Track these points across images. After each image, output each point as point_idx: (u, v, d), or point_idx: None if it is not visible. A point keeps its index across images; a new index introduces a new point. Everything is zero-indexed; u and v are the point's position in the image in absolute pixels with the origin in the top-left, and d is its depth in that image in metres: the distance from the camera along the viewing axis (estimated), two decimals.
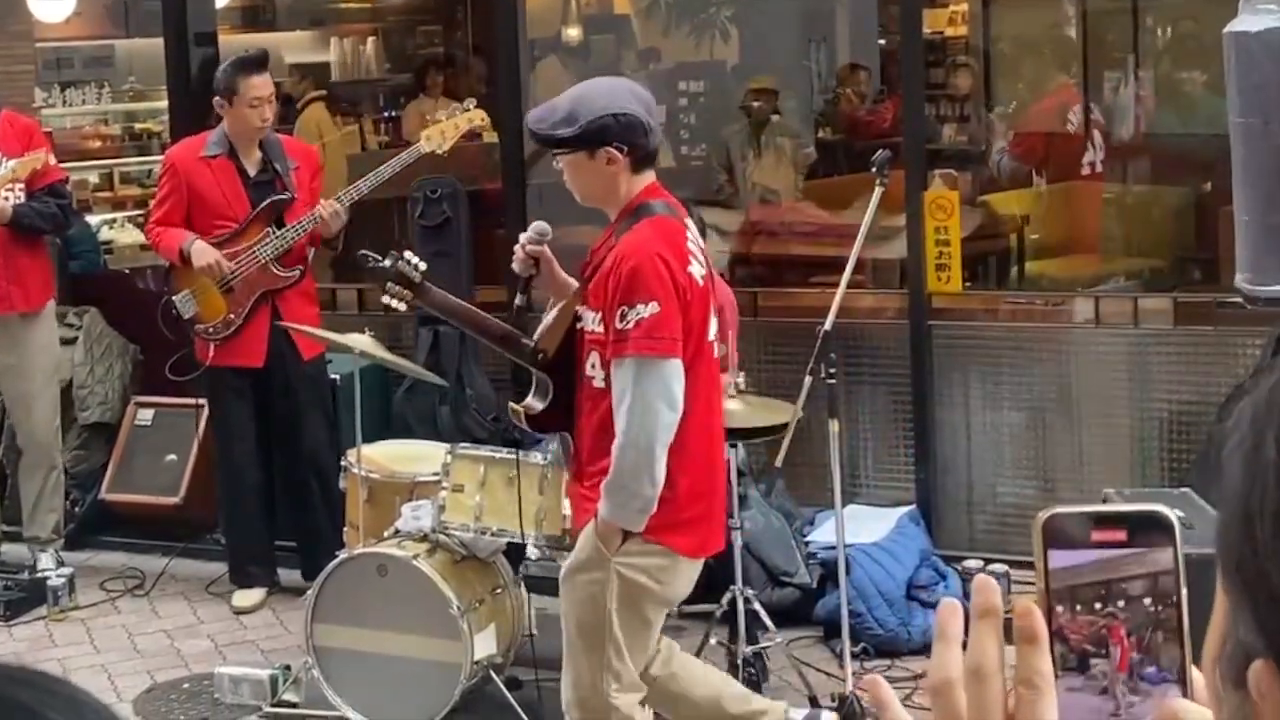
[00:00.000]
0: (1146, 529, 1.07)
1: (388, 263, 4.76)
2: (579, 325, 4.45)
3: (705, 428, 4.41)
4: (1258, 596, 0.98)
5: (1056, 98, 9.25)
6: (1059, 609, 1.06)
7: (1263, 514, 0.98)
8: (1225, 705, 1.02)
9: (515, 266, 4.60)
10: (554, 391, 4.51)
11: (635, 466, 4.27)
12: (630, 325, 4.23)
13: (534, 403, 4.56)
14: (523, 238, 4.61)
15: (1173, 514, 1.08)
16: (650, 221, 4.34)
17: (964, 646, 1.08)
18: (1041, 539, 1.07)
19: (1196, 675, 1.07)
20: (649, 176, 4.43)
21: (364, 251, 4.87)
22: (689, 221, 4.50)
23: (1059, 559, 1.07)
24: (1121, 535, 1.07)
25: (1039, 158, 9.00)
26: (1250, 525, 0.98)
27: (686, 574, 4.53)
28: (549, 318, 4.61)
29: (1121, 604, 1.06)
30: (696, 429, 4.37)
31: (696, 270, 4.32)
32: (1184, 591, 1.06)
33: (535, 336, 4.60)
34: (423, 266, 4.78)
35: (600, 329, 4.33)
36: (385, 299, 4.81)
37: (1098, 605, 1.06)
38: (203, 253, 6.75)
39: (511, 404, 4.66)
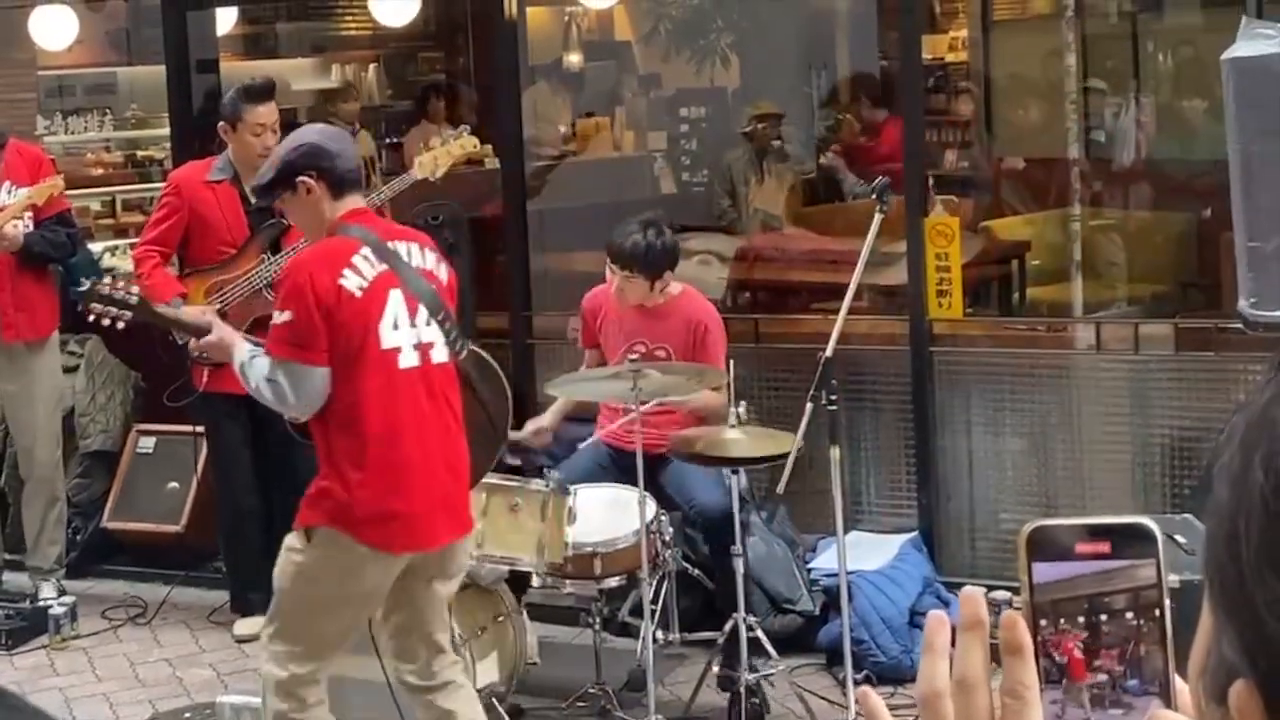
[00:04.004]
0: (1130, 541, 1.08)
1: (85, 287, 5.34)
2: None
3: (379, 423, 4.68)
4: (1242, 617, 0.98)
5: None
6: (1043, 622, 1.07)
7: (1248, 536, 0.98)
8: None
9: None
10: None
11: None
12: (272, 329, 4.74)
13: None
14: None
15: (1155, 526, 1.08)
16: (324, 241, 4.77)
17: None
18: (1025, 552, 1.08)
19: (1181, 687, 1.07)
20: (351, 202, 4.80)
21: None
22: (395, 245, 4.80)
23: (1043, 572, 1.07)
24: (1105, 548, 1.07)
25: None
26: (1236, 546, 0.98)
27: (375, 569, 4.72)
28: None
29: (1105, 617, 1.06)
30: (367, 423, 4.67)
31: (351, 282, 4.65)
32: (1167, 603, 1.07)
33: None
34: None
35: None
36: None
37: (1081, 619, 1.06)
38: (188, 315, 6.69)
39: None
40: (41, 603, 7.31)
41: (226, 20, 10.82)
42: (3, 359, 7.29)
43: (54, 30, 10.36)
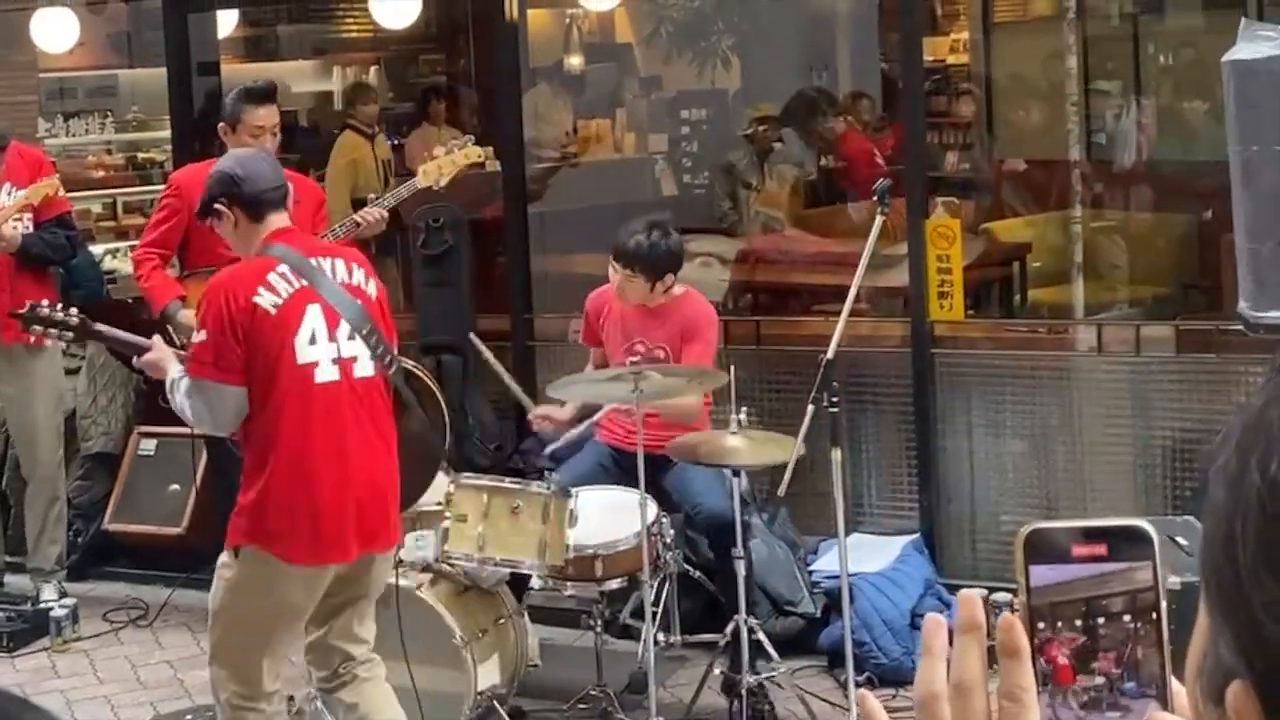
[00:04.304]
0: (1127, 543, 1.08)
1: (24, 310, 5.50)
2: None
3: (293, 437, 4.72)
4: (1238, 619, 0.99)
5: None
6: (1041, 625, 1.07)
7: (1245, 538, 0.98)
8: None
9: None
10: None
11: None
12: (190, 349, 4.86)
13: None
14: None
15: (1151, 528, 1.08)
16: (243, 261, 4.89)
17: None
18: (1023, 554, 1.08)
19: (1177, 689, 1.07)
20: (275, 222, 4.89)
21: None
22: (318, 261, 4.86)
23: (1041, 575, 1.08)
24: (1102, 550, 1.07)
25: None
26: (1232, 548, 0.98)
27: (294, 583, 4.79)
28: None
29: (1102, 620, 1.06)
30: (281, 438, 4.72)
31: (266, 300, 4.72)
32: (1164, 605, 1.07)
33: None
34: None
35: None
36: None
37: (1079, 622, 1.06)
38: (186, 319, 6.71)
39: None
40: (43, 605, 7.32)
41: (227, 23, 10.83)
42: (2, 361, 7.29)
43: (55, 33, 10.35)
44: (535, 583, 5.83)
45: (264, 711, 4.88)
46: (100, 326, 5.53)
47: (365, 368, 4.83)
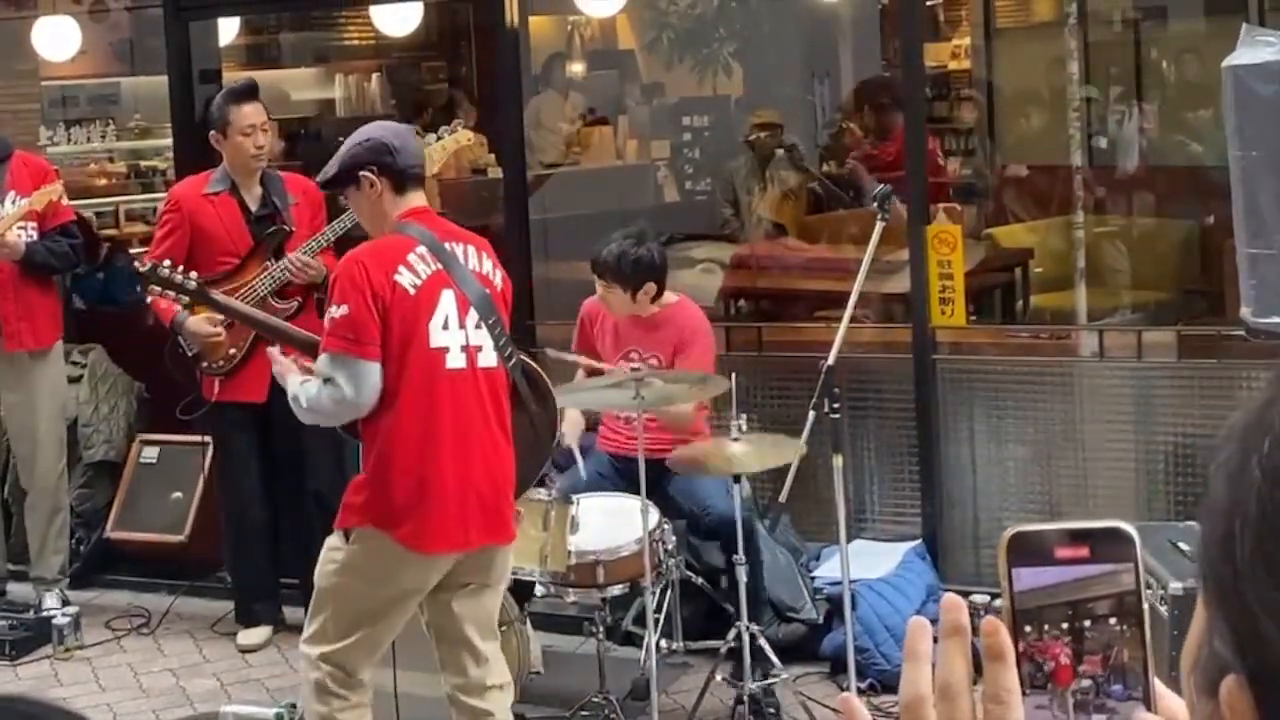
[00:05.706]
0: (1109, 545, 1.08)
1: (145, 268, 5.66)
2: None
3: (421, 421, 4.69)
4: (1234, 613, 1.00)
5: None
6: (1027, 628, 1.07)
7: (1243, 534, 0.99)
8: (1198, 714, 1.04)
9: None
10: None
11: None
12: (328, 324, 4.69)
13: None
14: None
15: (1133, 530, 1.09)
16: (381, 238, 4.79)
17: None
18: (1006, 557, 1.08)
19: (1161, 690, 1.08)
20: (414, 200, 4.82)
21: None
22: (453, 246, 4.80)
23: (1025, 577, 1.08)
24: (1084, 552, 1.08)
25: None
26: (1230, 544, 0.99)
27: (410, 569, 4.74)
28: None
29: (1088, 623, 1.07)
30: (409, 421, 4.66)
31: (406, 280, 4.68)
32: (1145, 607, 1.07)
33: None
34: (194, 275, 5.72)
35: None
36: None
37: (1065, 625, 1.07)
38: (196, 326, 6.72)
39: None
40: (45, 613, 7.31)
41: (229, 30, 10.82)
42: (5, 368, 7.29)
43: (57, 41, 10.36)
44: (537, 589, 5.83)
45: (350, 701, 4.83)
46: (216, 294, 5.58)
47: (489, 358, 4.81)
